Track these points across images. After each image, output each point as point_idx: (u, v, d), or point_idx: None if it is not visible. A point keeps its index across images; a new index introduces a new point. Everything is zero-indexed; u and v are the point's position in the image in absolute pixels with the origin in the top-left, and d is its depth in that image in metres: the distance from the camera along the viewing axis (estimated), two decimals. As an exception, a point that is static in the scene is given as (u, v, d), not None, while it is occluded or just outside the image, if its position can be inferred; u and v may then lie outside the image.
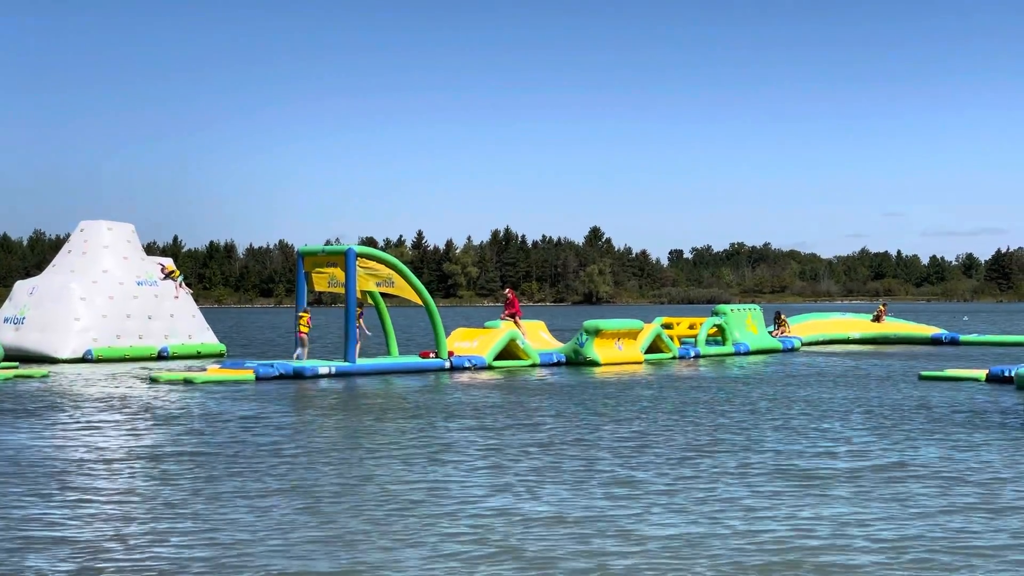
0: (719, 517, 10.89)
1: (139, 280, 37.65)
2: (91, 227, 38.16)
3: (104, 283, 36.65)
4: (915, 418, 19.25)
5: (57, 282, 36.37)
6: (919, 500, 11.75)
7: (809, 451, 15.29)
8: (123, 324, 36.52)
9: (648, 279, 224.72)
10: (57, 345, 35.03)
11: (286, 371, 28.27)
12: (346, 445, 15.94)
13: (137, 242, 39.09)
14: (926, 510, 11.23)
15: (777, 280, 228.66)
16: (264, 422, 18.77)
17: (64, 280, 36.32)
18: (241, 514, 11.03)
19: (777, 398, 23.02)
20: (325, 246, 31.05)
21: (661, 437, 16.77)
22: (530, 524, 10.59)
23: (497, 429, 17.74)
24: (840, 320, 50.75)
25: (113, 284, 36.83)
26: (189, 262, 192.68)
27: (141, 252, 39.13)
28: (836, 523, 10.64)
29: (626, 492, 12.20)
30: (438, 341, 31.33)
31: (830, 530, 10.34)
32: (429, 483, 12.75)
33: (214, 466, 13.98)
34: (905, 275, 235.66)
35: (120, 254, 37.84)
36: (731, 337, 39.08)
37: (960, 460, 14.44)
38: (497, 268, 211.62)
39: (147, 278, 37.93)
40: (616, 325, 34.12)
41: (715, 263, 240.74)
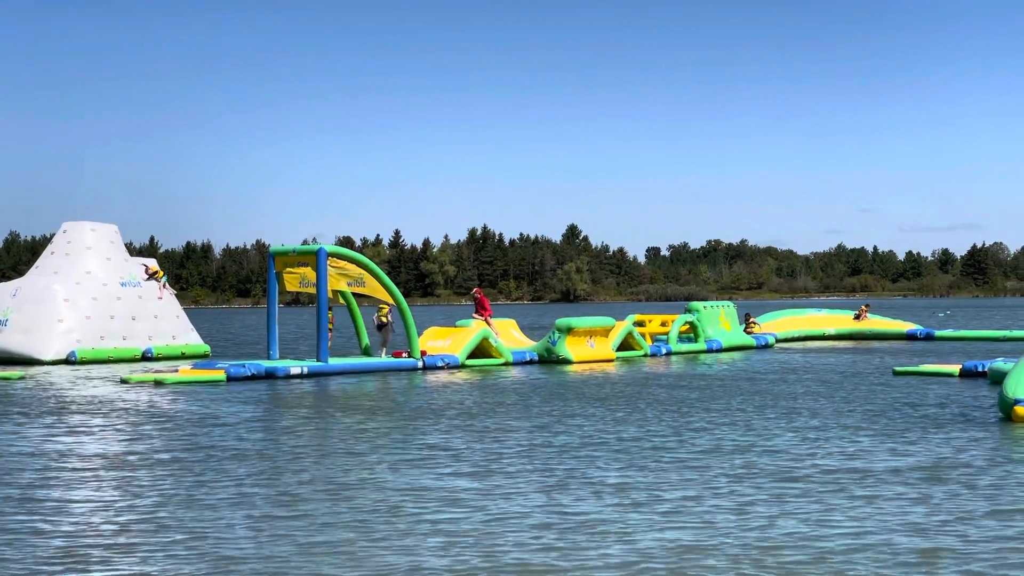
0: (682, 518, 10.88)
1: (123, 281, 37.50)
2: (74, 228, 37.99)
3: (87, 284, 36.48)
4: (887, 413, 19.30)
5: (40, 284, 36.18)
6: (887, 499, 11.76)
7: (774, 448, 15.29)
8: (107, 325, 36.36)
9: (626, 277, 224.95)
10: (40, 347, 34.86)
11: (258, 371, 28.16)
12: (321, 447, 15.86)
13: (120, 243, 38.95)
14: (891, 507, 11.24)
15: (754, 277, 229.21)
16: (233, 423, 18.66)
17: (47, 282, 36.14)
18: (207, 521, 10.94)
19: (744, 395, 23.05)
20: (296, 246, 30.97)
21: (639, 436, 16.75)
22: (514, 527, 10.54)
23: (476, 430, 17.69)
24: (816, 316, 50.95)
25: (96, 285, 36.67)
26: (166, 263, 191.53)
27: (124, 253, 38.98)
28: (806, 522, 10.63)
29: (594, 494, 12.18)
30: (411, 340, 31.29)
31: (797, 529, 10.34)
32: (408, 487, 12.68)
33: (182, 469, 13.88)
34: (881, 271, 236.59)
35: (103, 255, 37.67)
36: (703, 334, 39.13)
37: (928, 455, 14.47)
38: (475, 267, 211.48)
39: (131, 279, 37.79)
40: (588, 323, 34.14)
41: (692, 260, 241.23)
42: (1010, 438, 16.20)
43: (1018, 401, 17.97)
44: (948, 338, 47.48)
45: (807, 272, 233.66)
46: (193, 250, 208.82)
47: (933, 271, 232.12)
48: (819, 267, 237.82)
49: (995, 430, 17.04)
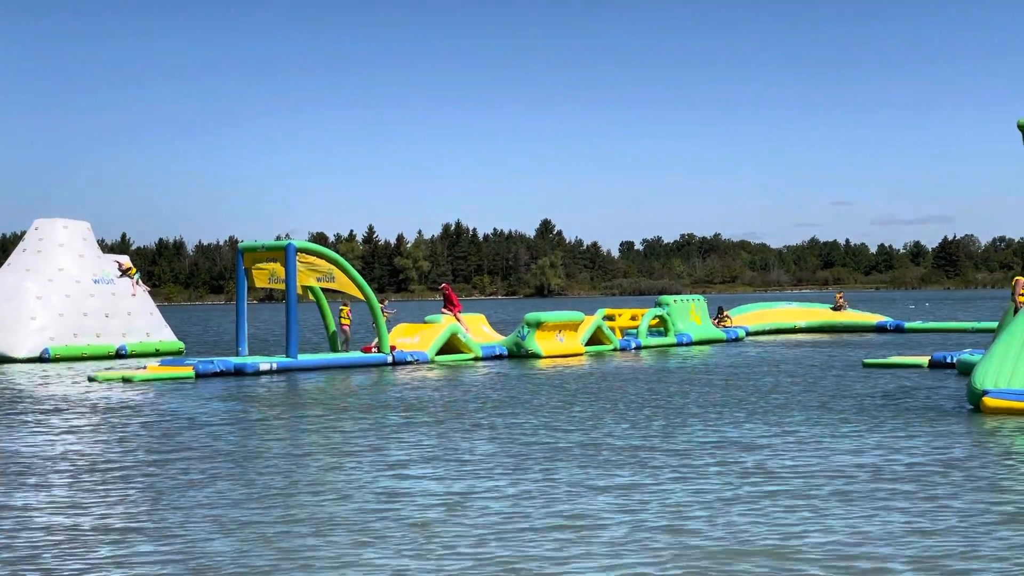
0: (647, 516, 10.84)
1: (96, 278, 37.29)
2: (46, 225, 37.75)
3: (60, 281, 36.25)
4: (855, 406, 19.33)
5: (12, 281, 35.91)
6: (856, 493, 11.75)
7: (736, 442, 15.28)
8: (80, 322, 36.15)
9: (599, 271, 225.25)
10: (13, 344, 34.59)
11: (226, 368, 28.00)
12: (289, 444, 15.76)
13: (93, 240, 38.72)
14: (862, 502, 11.24)
15: (728, 270, 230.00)
16: (200, 420, 18.53)
17: (19, 279, 35.87)
18: (173, 523, 10.82)
19: (709, 389, 23.05)
20: (265, 242, 30.84)
21: (604, 432, 16.72)
22: (494, 525, 10.48)
23: (446, 426, 17.62)
24: (786, 309, 51.10)
25: (69, 282, 36.44)
26: (138, 260, 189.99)
27: (97, 250, 38.76)
28: (770, 518, 10.61)
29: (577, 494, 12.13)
30: (380, 336, 31.19)
31: (759, 526, 10.31)
32: (381, 486, 12.60)
33: (147, 468, 13.75)
34: (854, 263, 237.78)
35: (76, 252, 37.43)
36: (673, 328, 39.14)
37: (897, 447, 14.49)
38: (448, 262, 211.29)
39: (103, 276, 37.59)
40: (557, 317, 34.10)
41: (666, 254, 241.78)
42: (979, 429, 16.24)
43: (986, 392, 18.03)
44: (918, 330, 47.72)
45: (780, 265, 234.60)
46: (165, 247, 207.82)
47: (905, 264, 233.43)
48: (792, 260, 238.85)
49: (964, 421, 17.08)
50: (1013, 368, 18.41)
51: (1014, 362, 18.51)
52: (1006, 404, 17.70)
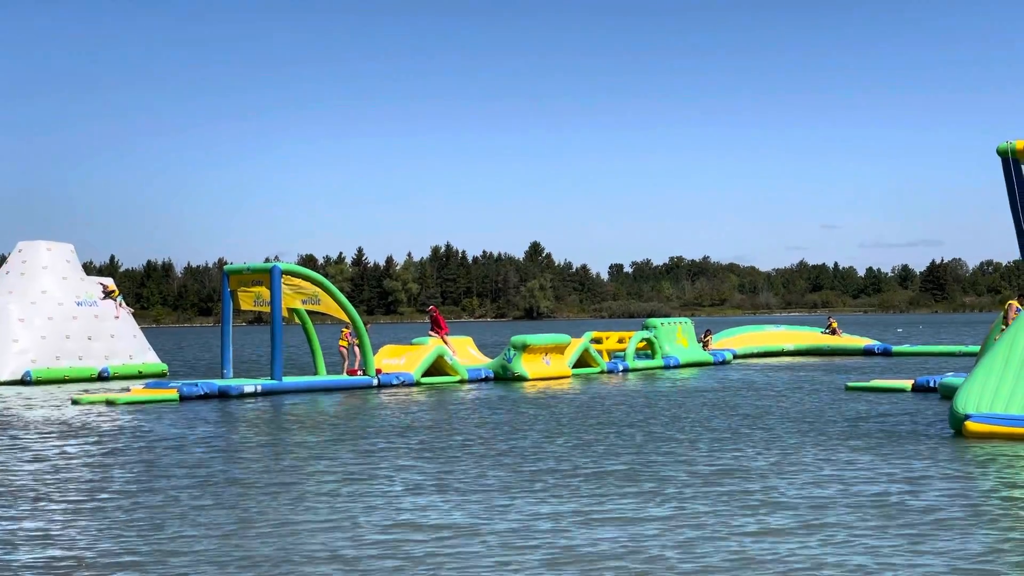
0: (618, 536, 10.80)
1: (79, 301, 37.17)
2: (29, 247, 37.67)
3: (43, 304, 36.13)
4: (837, 429, 19.32)
5: (-6, 303, 35.80)
6: (836, 516, 11.74)
7: (718, 465, 15.26)
8: (62, 345, 36.03)
9: (589, 293, 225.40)
10: (-5, 367, 34.48)
11: (211, 390, 27.90)
12: (276, 471, 15.69)
13: (76, 262, 38.61)
14: (839, 524, 11.22)
15: (717, 293, 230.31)
16: (184, 443, 18.45)
17: (2, 301, 35.75)
18: (153, 544, 10.76)
19: (696, 411, 23.03)
20: (250, 264, 30.81)
21: (583, 452, 16.68)
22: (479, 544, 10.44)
23: (435, 448, 17.57)
24: (774, 332, 51.14)
25: (52, 305, 36.33)
26: (126, 282, 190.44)
27: (81, 272, 38.64)
28: (745, 537, 10.59)
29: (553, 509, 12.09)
30: (365, 358, 31.14)
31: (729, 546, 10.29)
32: (360, 508, 12.55)
33: (129, 493, 13.68)
34: (842, 287, 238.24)
35: (59, 274, 37.32)
36: (660, 351, 39.15)
37: (877, 471, 14.48)
38: (438, 284, 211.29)
39: (87, 298, 37.46)
40: (543, 340, 34.07)
41: (655, 277, 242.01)
42: (960, 454, 16.23)
43: (968, 416, 18.03)
44: (905, 353, 47.77)
45: (769, 288, 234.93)
46: (154, 269, 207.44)
47: (893, 287, 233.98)
48: (781, 283, 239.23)
49: (946, 446, 17.07)
50: (995, 392, 18.43)
51: (996, 386, 18.53)
52: (988, 428, 17.70)
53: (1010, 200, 20.04)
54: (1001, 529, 10.81)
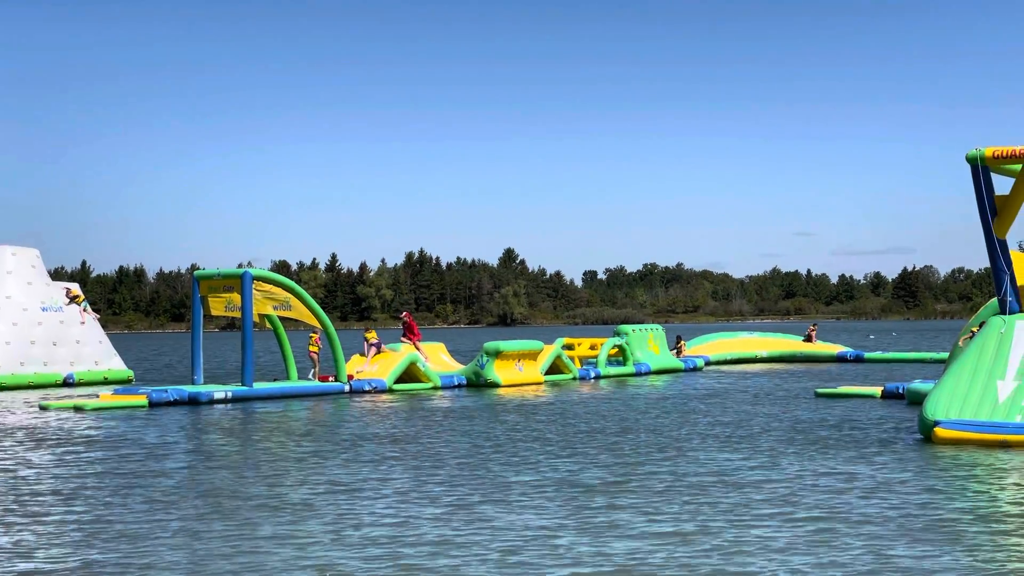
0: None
1: (44, 306, 36.86)
2: (-7, 252, 37.29)
3: (7, 309, 35.82)
4: (806, 436, 19.37)
5: (-42, 309, 35.47)
6: (800, 521, 11.74)
7: (686, 469, 15.26)
8: (27, 351, 35.75)
9: (562, 300, 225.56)
10: (-41, 372, 34.18)
11: (180, 396, 27.73)
12: (246, 475, 15.60)
13: (42, 267, 38.27)
14: (804, 530, 11.23)
15: (690, 300, 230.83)
16: (155, 451, 18.33)
17: (-34, 307, 35.43)
18: (124, 553, 10.65)
19: (666, 417, 23.06)
20: (221, 270, 30.64)
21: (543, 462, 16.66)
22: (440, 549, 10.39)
23: (404, 459, 17.51)
24: (747, 339, 51.29)
25: (16, 310, 36.02)
26: (98, 287, 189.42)
27: (46, 277, 38.32)
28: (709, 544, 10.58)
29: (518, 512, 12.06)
30: (337, 365, 31.02)
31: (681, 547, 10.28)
32: (334, 518, 12.48)
33: (99, 498, 13.56)
34: (815, 294, 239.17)
35: (24, 279, 36.99)
36: (632, 357, 39.17)
37: (847, 477, 14.51)
38: (411, 291, 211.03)
39: (52, 304, 37.15)
40: (516, 346, 34.03)
41: (629, 284, 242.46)
42: (929, 460, 16.29)
43: (938, 423, 18.11)
44: (878, 360, 47.99)
45: (742, 295, 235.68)
46: (126, 274, 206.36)
47: (865, 294, 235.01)
48: (754, 290, 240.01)
49: (915, 452, 17.13)
50: (964, 398, 18.52)
51: (965, 392, 18.62)
52: (957, 435, 17.78)
53: (979, 208, 20.13)
54: (971, 535, 10.84)
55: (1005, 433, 17.49)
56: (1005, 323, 19.49)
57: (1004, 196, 20.23)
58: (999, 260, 20.12)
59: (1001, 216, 20.14)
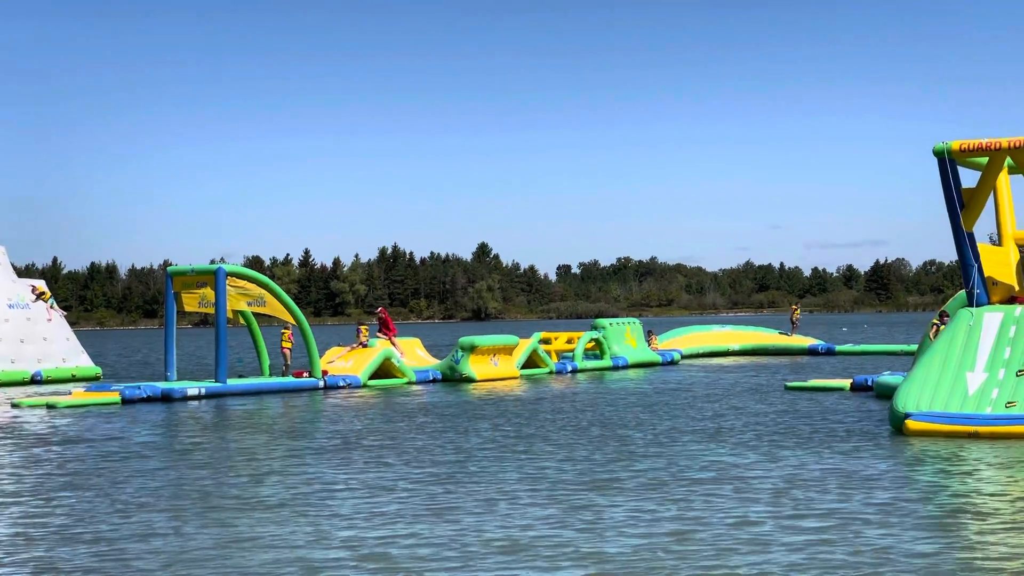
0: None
1: (10, 303, 36.65)
2: (-40, 250, 37.14)
3: (-27, 307, 35.62)
4: (777, 429, 19.51)
5: (-75, 306, 35.26)
6: (779, 514, 11.85)
7: (661, 464, 15.37)
8: (-6, 349, 35.56)
9: (537, 294, 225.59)
10: (-75, 370, 33.99)
11: (154, 393, 27.67)
12: (216, 470, 15.60)
13: (8, 264, 38.04)
14: (784, 522, 11.33)
15: (664, 294, 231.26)
16: (128, 446, 18.30)
17: (-68, 304, 35.24)
18: (103, 549, 10.65)
19: (642, 410, 23.18)
20: (195, 266, 30.60)
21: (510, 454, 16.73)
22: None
23: (378, 456, 17.54)
24: (720, 332, 51.56)
25: (-17, 308, 35.83)
26: (70, 284, 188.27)
27: (12, 274, 38.09)
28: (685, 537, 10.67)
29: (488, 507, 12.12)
30: (311, 360, 31.01)
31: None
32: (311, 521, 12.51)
33: (77, 494, 13.55)
34: (788, 287, 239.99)
35: None
36: (609, 351, 39.31)
37: (820, 469, 14.64)
38: (385, 286, 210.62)
39: (19, 301, 36.93)
40: (491, 341, 34.10)
41: (603, 278, 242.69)
42: (900, 452, 16.45)
43: (909, 415, 18.28)
44: (849, 353, 48.32)
45: (716, 289, 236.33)
46: (98, 271, 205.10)
47: (838, 287, 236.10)
48: (728, 284, 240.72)
49: (886, 444, 17.29)
50: (934, 390, 18.69)
51: (935, 384, 18.80)
52: (929, 427, 17.96)
53: (946, 201, 20.32)
54: (944, 525, 10.97)
55: (975, 424, 17.68)
56: (973, 315, 19.69)
57: (971, 189, 20.45)
58: (967, 253, 20.32)
59: (968, 209, 20.35)
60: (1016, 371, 18.48)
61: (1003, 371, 18.59)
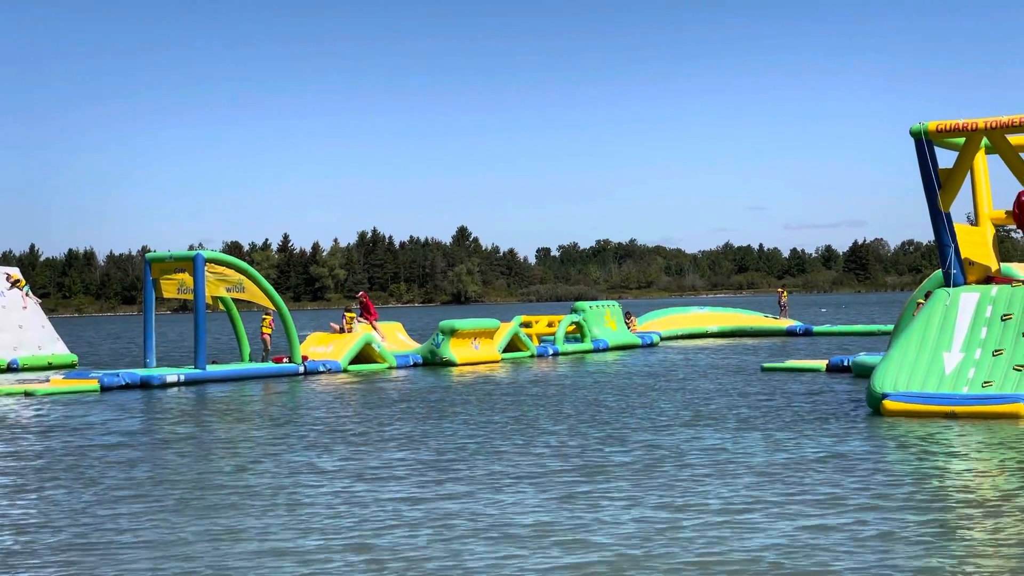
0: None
1: None
2: (-68, 238, 36.95)
3: (-53, 295, 35.45)
4: (755, 410, 19.60)
5: None
6: (752, 491, 11.91)
7: (639, 444, 15.43)
8: (-32, 337, 35.38)
9: (516, 277, 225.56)
10: (-101, 360, 33.80)
11: (132, 380, 27.59)
12: (197, 457, 15.58)
13: (-18, 253, 37.91)
14: (766, 500, 11.40)
15: (643, 276, 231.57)
16: (106, 434, 18.25)
17: (-95, 293, 35.04)
18: (86, 540, 10.64)
19: (619, 392, 23.25)
20: (173, 252, 30.50)
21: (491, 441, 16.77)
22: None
23: (359, 440, 17.54)
24: (698, 314, 51.70)
25: (-42, 297, 35.66)
26: (47, 271, 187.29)
27: (-15, 262, 37.99)
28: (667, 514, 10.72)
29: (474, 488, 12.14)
30: (291, 346, 30.96)
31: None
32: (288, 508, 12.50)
33: (57, 482, 13.52)
34: (767, 268, 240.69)
35: None
36: (590, 334, 39.37)
37: (799, 451, 14.72)
38: (365, 270, 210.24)
39: None
40: (472, 325, 34.11)
41: (582, 260, 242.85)
42: (878, 433, 16.54)
43: (886, 395, 18.37)
44: (826, 333, 48.52)
45: (695, 270, 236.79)
46: (76, 257, 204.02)
47: (817, 267, 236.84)
48: (707, 265, 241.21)
49: (864, 424, 17.38)
50: (911, 371, 18.79)
51: (912, 364, 18.89)
52: (906, 407, 18.06)
53: (924, 181, 20.39)
54: (920, 506, 11.04)
55: (952, 404, 17.79)
56: (950, 295, 19.80)
57: (948, 169, 20.53)
58: (944, 233, 20.42)
59: (945, 189, 20.43)
60: (992, 351, 18.60)
61: (979, 351, 18.71)
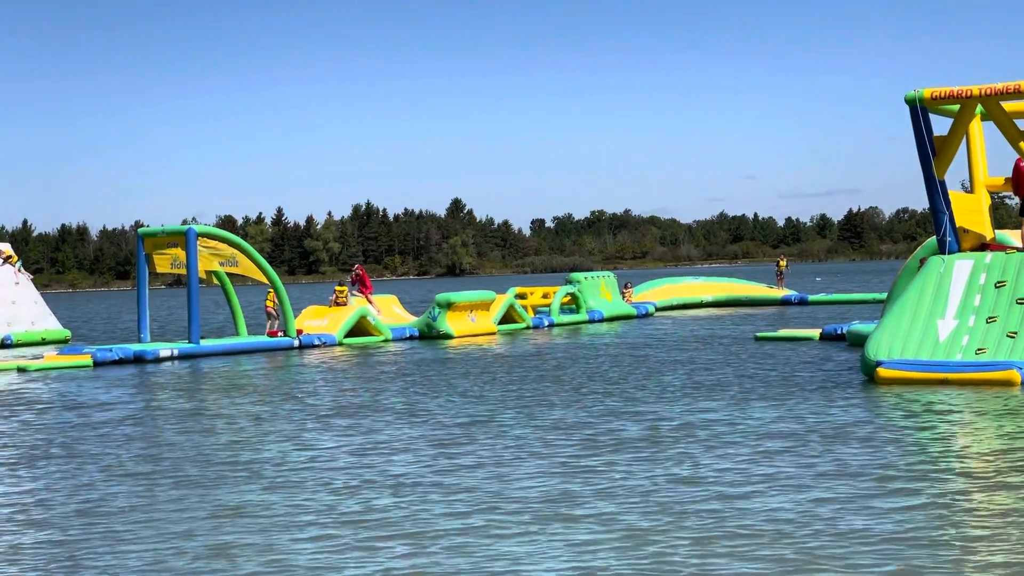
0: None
1: None
2: (-77, 214, 36.83)
3: (-61, 272, 35.39)
4: (750, 379, 19.62)
5: None
6: (751, 459, 11.92)
7: (641, 414, 15.43)
8: (-38, 313, 35.34)
9: (511, 249, 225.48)
10: None
11: (126, 355, 27.57)
12: (193, 431, 15.57)
13: (-26, 228, 37.83)
14: (761, 467, 11.40)
15: (638, 246, 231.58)
16: (101, 410, 18.23)
17: None
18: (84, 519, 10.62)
19: (613, 363, 23.26)
20: (166, 227, 30.45)
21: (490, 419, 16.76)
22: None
23: (360, 415, 17.54)
24: (693, 284, 51.66)
25: (-51, 273, 35.60)
26: (40, 246, 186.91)
27: (-23, 239, 37.95)
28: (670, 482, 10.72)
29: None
30: (286, 319, 30.93)
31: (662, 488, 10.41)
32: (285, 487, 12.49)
33: (41, 459, 13.50)
34: (762, 237, 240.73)
35: None
36: (585, 305, 39.35)
37: (794, 419, 14.73)
38: (359, 243, 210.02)
39: None
40: (468, 297, 34.08)
41: (577, 231, 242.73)
42: (873, 400, 16.56)
43: (880, 363, 18.38)
44: (822, 302, 48.54)
45: (690, 240, 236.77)
46: (69, 232, 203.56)
47: (812, 236, 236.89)
48: (702, 235, 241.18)
49: (858, 392, 17.40)
50: (906, 338, 18.79)
51: (906, 332, 18.89)
52: (900, 374, 18.07)
53: (918, 149, 20.35)
54: (916, 475, 11.04)
55: (946, 372, 17.81)
56: (944, 263, 19.78)
57: (943, 137, 20.48)
58: (938, 200, 20.39)
59: (940, 157, 20.39)
60: (986, 318, 18.60)
61: (973, 318, 18.71)
